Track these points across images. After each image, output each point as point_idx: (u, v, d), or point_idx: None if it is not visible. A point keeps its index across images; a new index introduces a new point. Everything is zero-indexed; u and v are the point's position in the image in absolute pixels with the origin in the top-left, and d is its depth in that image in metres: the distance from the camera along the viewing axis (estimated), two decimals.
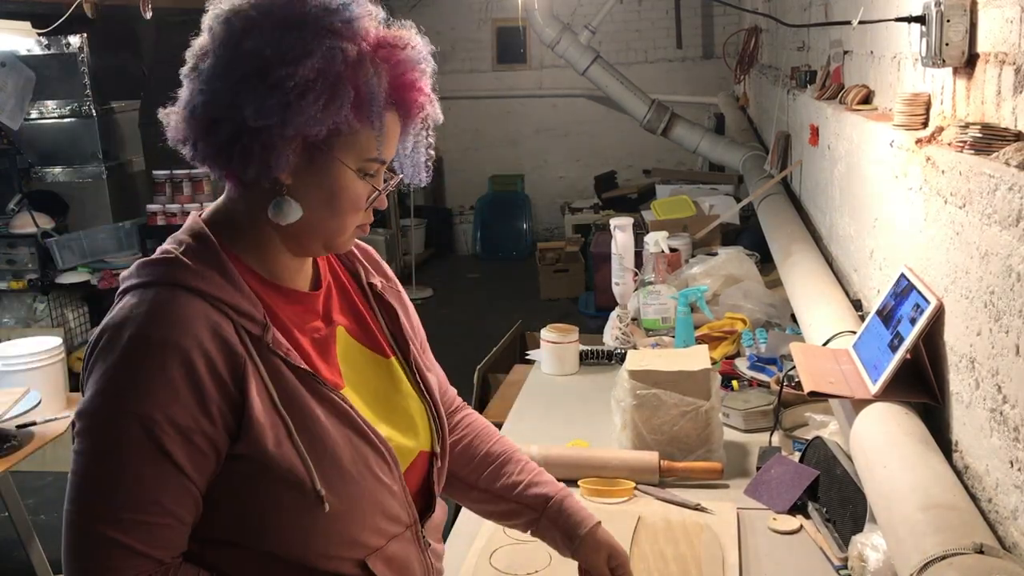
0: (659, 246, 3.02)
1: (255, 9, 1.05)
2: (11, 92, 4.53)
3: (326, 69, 1.03)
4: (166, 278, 1.06)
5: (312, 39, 1.03)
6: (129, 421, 1.00)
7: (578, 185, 8.54)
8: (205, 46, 1.08)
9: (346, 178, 1.10)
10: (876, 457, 1.37)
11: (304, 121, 1.03)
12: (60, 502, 1.05)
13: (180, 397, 1.01)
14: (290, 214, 1.08)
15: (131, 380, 1.01)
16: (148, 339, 1.01)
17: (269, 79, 1.02)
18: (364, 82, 1.05)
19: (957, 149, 1.34)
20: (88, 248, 4.69)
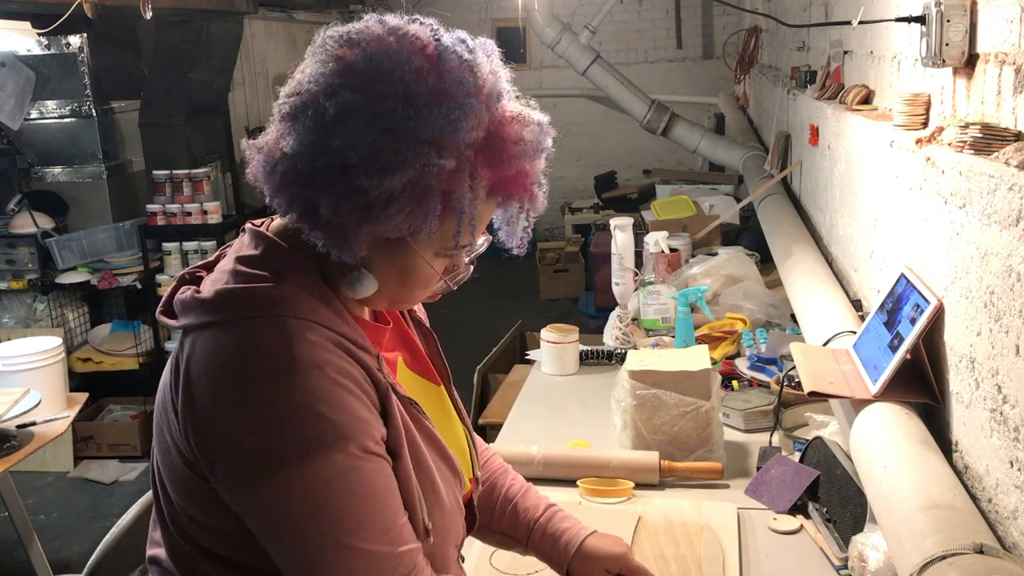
0: (659, 246, 3.02)
1: (355, 91, 0.95)
2: (11, 92, 4.53)
3: (416, 182, 0.95)
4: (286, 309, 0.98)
5: (406, 149, 0.94)
6: (349, 449, 0.95)
7: (578, 185, 8.54)
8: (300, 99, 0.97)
9: (421, 264, 1.04)
10: (876, 457, 1.37)
11: (383, 228, 0.97)
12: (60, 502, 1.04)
13: (369, 411, 0.98)
14: (366, 289, 1.03)
15: (329, 411, 0.94)
16: (316, 363, 0.95)
17: (352, 181, 0.94)
18: (457, 195, 0.98)
19: (957, 149, 1.34)
20: (88, 248, 4.69)
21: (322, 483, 0.94)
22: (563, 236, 7.66)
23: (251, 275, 1.01)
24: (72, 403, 3.15)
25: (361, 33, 0.98)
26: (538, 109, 1.08)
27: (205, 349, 0.97)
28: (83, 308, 4.90)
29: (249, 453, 0.94)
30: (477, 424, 2.72)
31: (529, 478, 1.86)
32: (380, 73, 0.95)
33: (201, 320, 0.99)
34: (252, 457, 0.94)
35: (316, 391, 0.94)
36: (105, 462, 4.31)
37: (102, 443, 4.37)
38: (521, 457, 1.88)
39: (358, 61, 0.96)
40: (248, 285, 1.00)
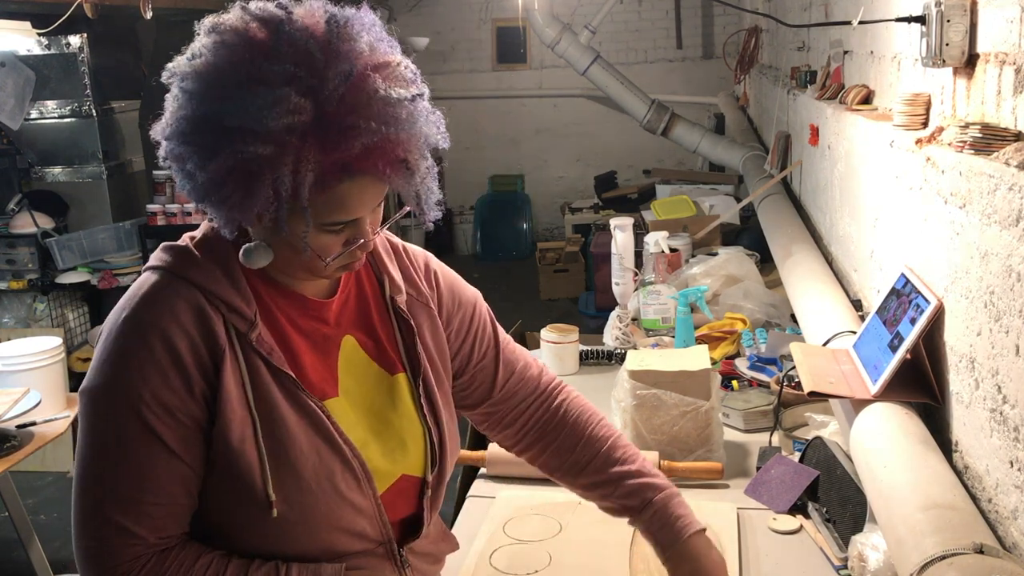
0: (659, 246, 3.02)
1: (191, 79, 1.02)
2: (11, 92, 4.53)
3: (235, 168, 0.99)
4: (171, 266, 1.10)
5: (218, 139, 0.99)
6: (118, 397, 1.04)
7: (578, 185, 8.54)
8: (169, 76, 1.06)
9: (306, 238, 1.06)
10: (876, 457, 1.37)
11: (226, 208, 1.03)
12: (60, 502, 1.07)
13: (166, 377, 1.04)
14: (259, 260, 1.09)
15: (121, 358, 1.05)
16: (139, 321, 1.06)
17: (184, 167, 1.03)
18: (279, 178, 0.99)
19: (957, 149, 1.34)
20: (88, 248, 4.69)
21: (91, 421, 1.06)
22: (563, 236, 7.67)
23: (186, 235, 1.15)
24: (72, 403, 3.15)
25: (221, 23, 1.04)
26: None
27: None
28: (83, 308, 4.91)
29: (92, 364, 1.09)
30: None
31: (529, 478, 1.87)
32: (211, 66, 1.01)
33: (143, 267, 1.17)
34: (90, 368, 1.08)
35: (129, 347, 1.05)
36: None
37: None
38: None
39: (202, 53, 1.02)
40: (168, 244, 1.13)
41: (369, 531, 1.16)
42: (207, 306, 1.07)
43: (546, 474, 1.43)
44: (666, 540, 1.31)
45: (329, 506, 1.11)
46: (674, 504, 1.34)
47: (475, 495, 1.84)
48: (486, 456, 1.91)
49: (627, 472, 1.35)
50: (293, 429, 1.09)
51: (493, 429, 1.42)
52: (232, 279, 1.10)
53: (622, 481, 1.34)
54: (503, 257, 8.30)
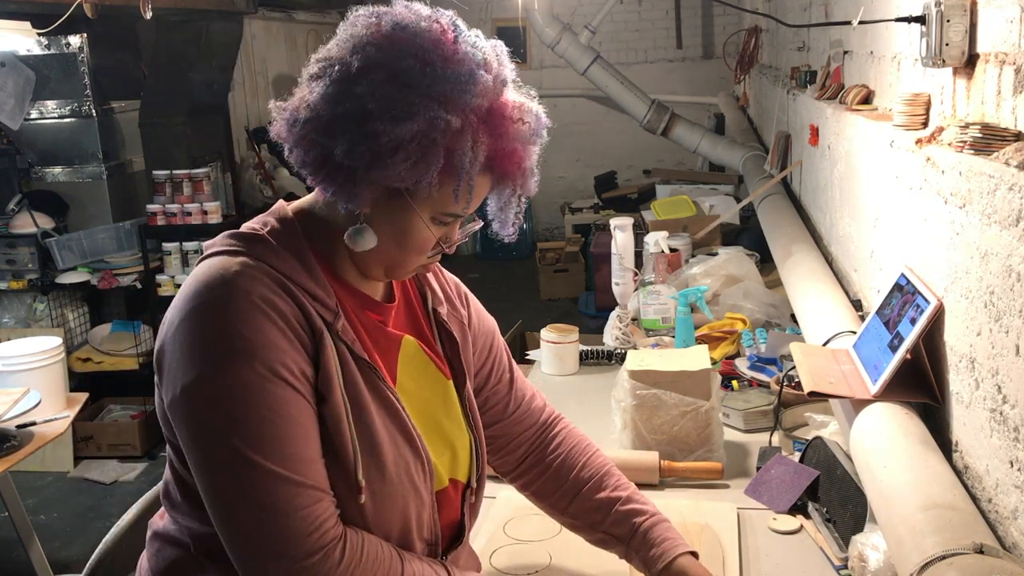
0: (659, 246, 3.02)
1: (379, 49, 1.05)
2: (11, 92, 4.53)
3: (424, 134, 1.03)
4: (247, 251, 1.09)
5: (419, 102, 1.03)
6: (255, 366, 1.01)
7: (578, 185, 8.54)
8: (328, 61, 1.08)
9: (418, 224, 1.12)
10: (876, 457, 1.37)
11: (389, 174, 1.05)
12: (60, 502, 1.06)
13: (290, 343, 1.05)
14: (365, 243, 1.11)
15: (245, 330, 1.02)
16: (248, 293, 1.04)
17: (366, 126, 1.03)
18: (458, 154, 1.06)
19: (957, 149, 1.34)
20: (88, 248, 4.69)
21: (226, 392, 1.01)
22: (563, 236, 7.67)
23: (246, 225, 1.14)
24: (72, 403, 3.15)
25: (388, 10, 1.09)
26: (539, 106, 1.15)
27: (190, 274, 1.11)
28: (83, 308, 4.90)
29: (174, 363, 1.03)
30: None
31: None
32: (403, 35, 1.05)
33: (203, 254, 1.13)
34: (175, 366, 1.03)
35: (235, 311, 1.02)
36: (105, 462, 4.31)
37: (102, 443, 4.37)
38: None
39: (384, 25, 1.07)
40: (238, 231, 1.12)
41: (426, 530, 1.18)
42: (295, 291, 1.08)
43: (538, 503, 1.45)
44: (650, 561, 1.32)
45: (405, 498, 1.13)
46: (660, 528, 1.35)
47: None
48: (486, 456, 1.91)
49: (616, 498, 1.37)
50: (375, 418, 1.11)
51: (495, 453, 1.44)
52: (309, 270, 1.11)
53: (611, 508, 1.37)
54: (503, 257, 8.30)
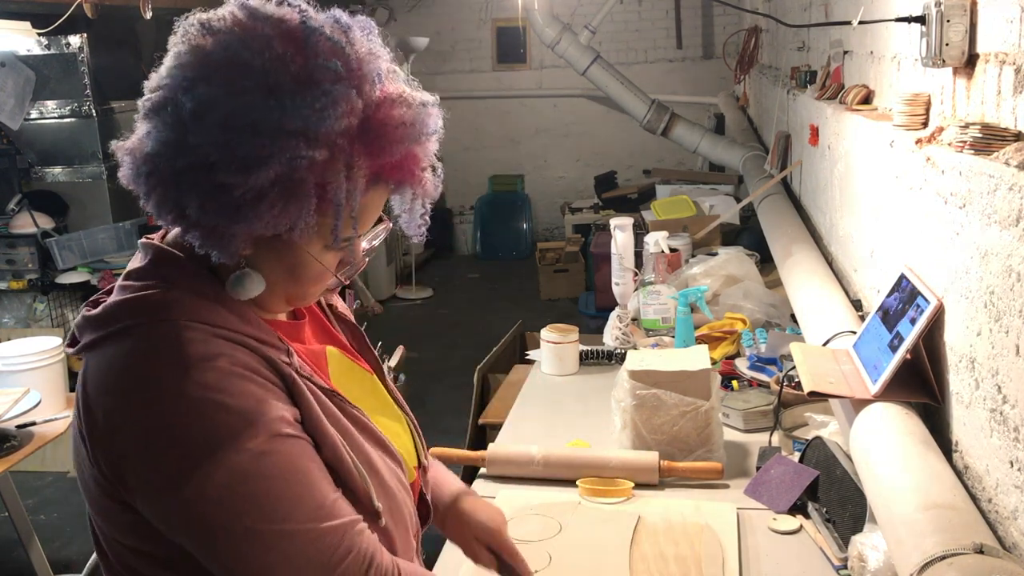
0: (659, 246, 3.02)
1: (210, 84, 0.90)
2: (11, 92, 4.53)
3: (285, 177, 0.90)
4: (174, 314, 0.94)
5: (270, 144, 0.89)
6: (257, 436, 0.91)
7: (578, 185, 8.54)
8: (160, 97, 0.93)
9: (309, 259, 1.00)
10: (876, 457, 1.37)
11: (255, 226, 0.92)
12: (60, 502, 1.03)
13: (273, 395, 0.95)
14: (250, 290, 0.99)
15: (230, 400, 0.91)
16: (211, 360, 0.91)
17: (214, 179, 0.90)
18: (332, 188, 0.93)
19: (957, 149, 1.34)
20: (88, 248, 4.69)
21: (239, 475, 0.90)
22: (563, 236, 7.66)
23: (138, 286, 0.97)
24: (72, 403, 3.14)
25: (220, 20, 0.94)
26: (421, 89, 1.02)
27: (98, 365, 0.95)
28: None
29: (157, 461, 0.90)
30: (477, 424, 2.72)
31: (529, 478, 1.87)
32: (238, 63, 0.90)
33: (92, 337, 0.96)
34: (161, 464, 0.90)
35: (212, 383, 0.91)
36: None
37: None
38: (521, 457, 1.88)
39: (214, 51, 0.92)
40: (133, 295, 0.96)
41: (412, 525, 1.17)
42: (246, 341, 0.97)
43: None
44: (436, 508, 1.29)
45: (404, 504, 1.11)
46: (443, 474, 1.35)
47: None
48: (486, 456, 1.91)
49: None
50: (361, 440, 1.06)
51: None
52: (241, 315, 0.99)
53: None
54: (503, 257, 8.30)
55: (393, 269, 7.25)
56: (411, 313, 6.77)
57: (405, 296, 7.10)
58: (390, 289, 7.09)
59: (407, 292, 7.15)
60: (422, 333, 6.10)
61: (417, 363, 4.88)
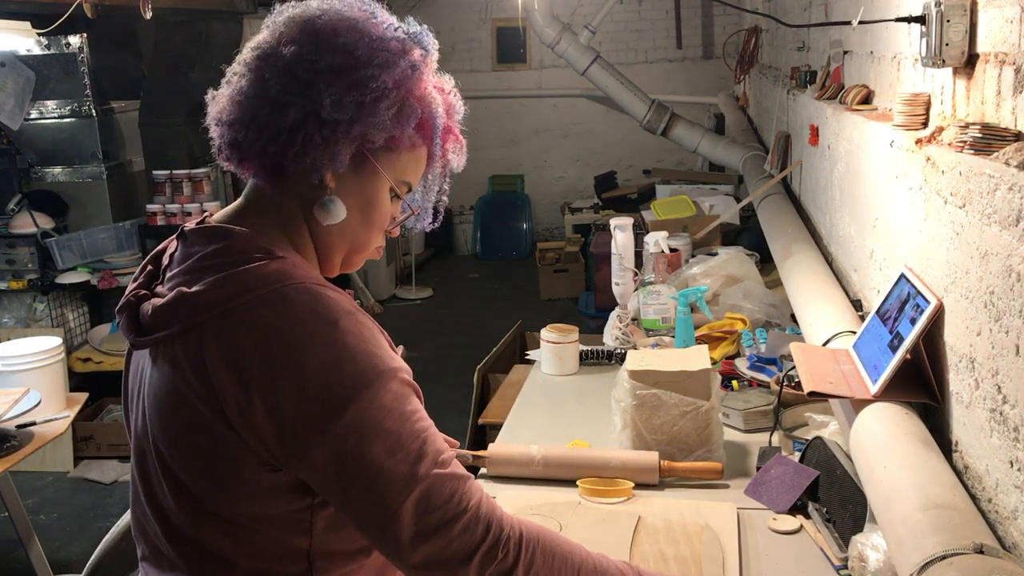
0: (659, 246, 3.02)
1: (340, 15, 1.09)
2: (11, 92, 4.53)
3: (402, 84, 1.08)
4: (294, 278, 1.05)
5: (396, 54, 1.08)
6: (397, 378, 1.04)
7: (578, 185, 8.54)
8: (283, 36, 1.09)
9: (383, 192, 1.15)
10: (876, 457, 1.37)
11: (373, 124, 1.07)
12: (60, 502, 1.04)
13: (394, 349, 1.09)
14: (336, 214, 1.11)
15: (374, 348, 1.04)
16: (351, 313, 1.05)
17: (353, 76, 1.05)
18: (429, 109, 1.12)
19: (957, 149, 1.34)
20: (88, 248, 4.69)
21: (386, 411, 1.01)
22: (563, 236, 7.67)
23: (236, 260, 1.04)
24: (72, 403, 3.15)
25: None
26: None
27: (237, 331, 1.00)
28: (83, 308, 4.90)
29: (316, 402, 0.99)
30: (477, 424, 2.72)
31: (529, 478, 1.87)
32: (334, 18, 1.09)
33: (206, 314, 1.01)
34: (320, 404, 0.99)
35: (359, 333, 1.03)
36: (105, 462, 4.31)
37: (102, 443, 4.37)
38: (521, 457, 1.88)
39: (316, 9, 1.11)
40: (246, 267, 1.03)
41: None
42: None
43: None
44: None
45: None
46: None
47: None
48: (486, 456, 1.91)
49: None
50: None
51: None
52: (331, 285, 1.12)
53: None
54: (503, 257, 8.30)
55: (393, 269, 7.25)
56: (411, 313, 6.77)
57: (405, 296, 7.10)
58: (390, 289, 7.10)
59: (407, 292, 7.15)
60: (422, 333, 6.10)
61: (417, 363, 4.87)
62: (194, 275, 1.05)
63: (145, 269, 1.15)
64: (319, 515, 1.08)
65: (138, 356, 1.13)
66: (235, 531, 1.07)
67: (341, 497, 1.02)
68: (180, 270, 1.07)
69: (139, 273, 1.15)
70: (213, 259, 1.05)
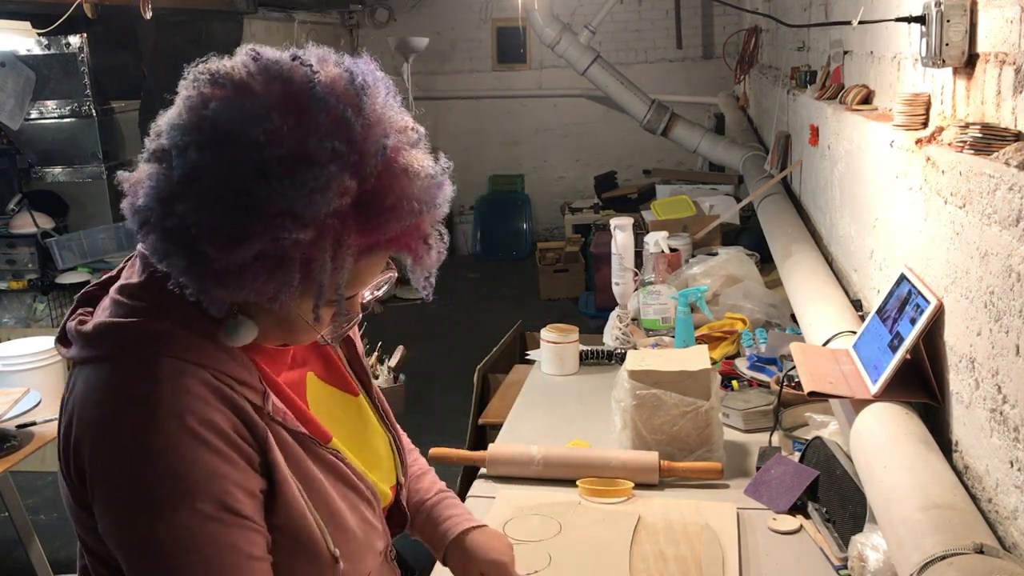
0: (659, 246, 3.02)
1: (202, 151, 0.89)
2: (11, 92, 4.53)
3: (269, 252, 0.90)
4: (159, 348, 0.94)
5: (253, 224, 0.88)
6: (196, 506, 0.92)
7: (578, 185, 8.54)
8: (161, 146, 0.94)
9: (297, 316, 1.00)
10: (876, 457, 1.37)
11: (238, 294, 0.93)
12: (60, 502, 1.03)
13: (233, 466, 0.95)
14: (244, 337, 0.99)
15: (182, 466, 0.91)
16: (182, 417, 0.92)
17: (196, 247, 0.90)
18: (316, 264, 0.92)
19: (957, 149, 1.34)
20: (88, 248, 4.69)
21: (164, 540, 0.91)
22: (563, 236, 7.66)
23: (129, 308, 0.98)
24: None
25: (228, 74, 0.93)
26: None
27: (80, 386, 0.96)
28: None
29: (110, 497, 0.93)
30: (477, 424, 2.72)
31: (529, 478, 1.87)
32: (231, 135, 0.89)
33: (82, 354, 0.98)
34: (111, 501, 0.93)
35: (171, 444, 0.91)
36: None
37: None
38: (521, 457, 1.88)
39: (213, 116, 0.90)
40: (124, 320, 0.97)
41: (381, 545, 1.17)
42: (223, 387, 0.96)
43: None
44: (437, 541, 1.30)
45: (368, 541, 1.12)
46: (444, 505, 1.33)
47: (475, 495, 1.84)
48: (486, 456, 1.91)
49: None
50: (324, 484, 1.06)
51: None
52: (227, 351, 0.98)
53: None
54: (503, 257, 8.30)
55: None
56: (411, 313, 6.77)
57: (405, 296, 7.10)
58: (390, 289, 7.09)
59: (407, 292, 7.14)
60: (422, 333, 6.10)
61: (417, 363, 4.88)
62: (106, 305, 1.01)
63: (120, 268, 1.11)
64: None
65: None
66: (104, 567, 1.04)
67: None
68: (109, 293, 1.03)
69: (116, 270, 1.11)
70: (120, 294, 1.00)
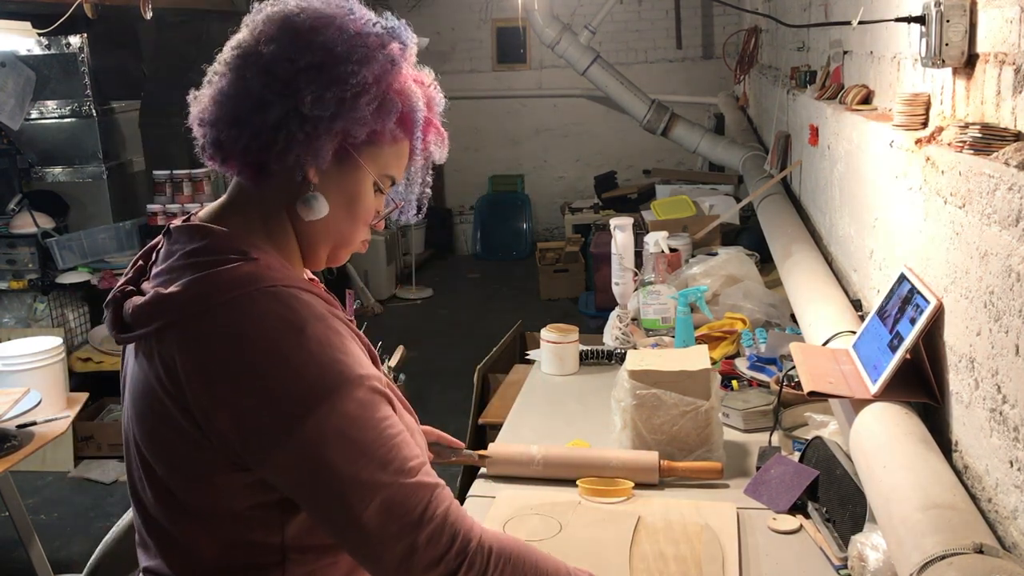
0: (659, 246, 3.02)
1: (318, 12, 1.10)
2: (11, 92, 4.53)
3: (382, 79, 1.09)
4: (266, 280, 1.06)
5: (375, 49, 1.09)
6: (363, 385, 1.03)
7: (578, 185, 8.54)
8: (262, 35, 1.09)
9: (366, 187, 1.15)
10: (876, 457, 1.37)
11: (353, 120, 1.07)
12: (60, 502, 1.05)
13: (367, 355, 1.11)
14: (319, 210, 1.11)
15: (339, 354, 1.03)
16: (321, 317, 1.05)
17: (333, 73, 1.06)
18: (409, 102, 1.12)
19: (957, 149, 1.34)
20: (88, 248, 4.69)
21: (350, 418, 1.01)
22: (563, 236, 7.66)
23: (213, 261, 1.06)
24: (72, 403, 3.15)
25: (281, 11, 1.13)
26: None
27: (206, 333, 1.02)
28: (83, 308, 4.90)
29: (279, 408, 0.99)
30: (477, 424, 2.72)
31: (529, 478, 1.87)
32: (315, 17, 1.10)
33: (179, 315, 1.03)
34: (283, 411, 0.99)
35: (326, 340, 1.03)
36: (105, 462, 4.31)
37: (102, 443, 4.37)
38: (521, 457, 1.88)
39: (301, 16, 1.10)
40: (220, 268, 1.05)
41: None
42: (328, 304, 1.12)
43: None
44: None
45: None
46: None
47: (475, 495, 1.84)
48: (490, 456, 1.91)
49: None
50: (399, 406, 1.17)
51: None
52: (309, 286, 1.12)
53: None
54: (503, 257, 8.30)
55: (393, 269, 7.25)
56: (411, 313, 6.77)
57: (405, 296, 7.10)
58: (390, 289, 7.09)
59: (407, 292, 7.14)
60: (422, 333, 6.10)
61: (417, 363, 4.88)
62: (172, 274, 1.07)
63: (135, 264, 1.18)
64: (290, 510, 1.08)
65: (128, 351, 1.16)
66: (206, 524, 1.08)
67: (305, 501, 1.04)
68: (162, 268, 1.10)
69: (130, 268, 1.18)
70: (191, 258, 1.07)
